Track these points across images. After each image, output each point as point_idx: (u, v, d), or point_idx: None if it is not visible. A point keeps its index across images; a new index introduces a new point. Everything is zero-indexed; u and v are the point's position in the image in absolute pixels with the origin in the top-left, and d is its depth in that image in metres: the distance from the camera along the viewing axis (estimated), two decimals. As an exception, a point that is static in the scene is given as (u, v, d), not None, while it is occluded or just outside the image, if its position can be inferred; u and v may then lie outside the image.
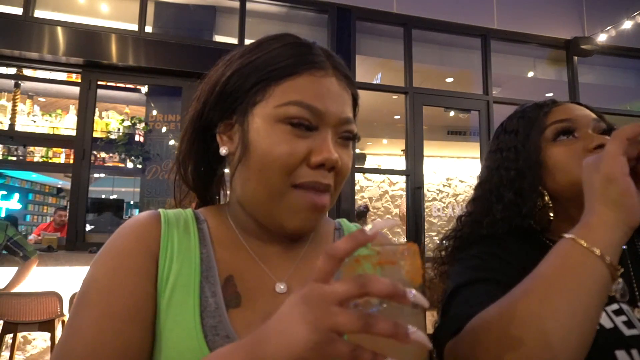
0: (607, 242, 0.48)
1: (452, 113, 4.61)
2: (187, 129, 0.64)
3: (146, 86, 4.30)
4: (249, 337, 0.39)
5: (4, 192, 7.30)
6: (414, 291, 0.34)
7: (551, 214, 0.81)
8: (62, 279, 2.97)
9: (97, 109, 3.82)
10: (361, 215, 5.36)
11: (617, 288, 0.62)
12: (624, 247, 0.69)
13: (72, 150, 3.73)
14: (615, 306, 0.63)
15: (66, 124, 4.40)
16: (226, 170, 0.68)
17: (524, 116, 0.81)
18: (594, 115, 0.76)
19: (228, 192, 0.68)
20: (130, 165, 4.25)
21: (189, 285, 0.55)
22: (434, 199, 7.17)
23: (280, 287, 0.59)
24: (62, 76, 4.11)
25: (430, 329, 0.66)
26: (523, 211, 0.75)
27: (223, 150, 0.60)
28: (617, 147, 0.49)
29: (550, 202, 0.80)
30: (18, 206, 7.55)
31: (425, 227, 4.45)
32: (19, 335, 2.80)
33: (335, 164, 0.54)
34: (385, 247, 0.39)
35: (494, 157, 0.83)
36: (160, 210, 0.63)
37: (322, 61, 0.57)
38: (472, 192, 0.86)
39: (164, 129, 4.13)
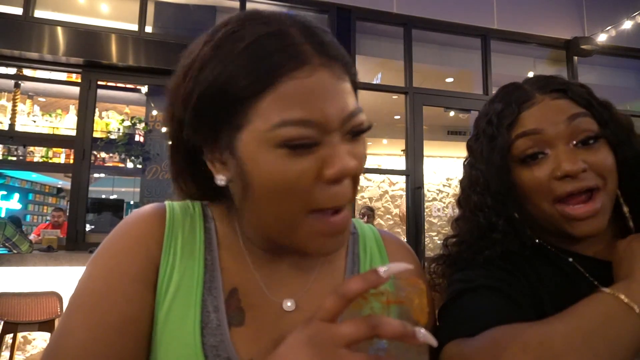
0: None
1: (452, 113, 4.60)
2: (171, 150, 0.55)
3: (146, 86, 4.29)
4: None
5: (4, 192, 7.29)
6: (422, 330, 0.36)
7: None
8: (62, 279, 2.96)
9: (97, 109, 3.82)
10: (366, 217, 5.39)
11: None
12: None
13: (72, 150, 3.72)
14: None
15: (66, 124, 4.40)
16: None
17: (491, 123, 0.69)
18: (570, 112, 0.63)
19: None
20: (130, 165, 4.25)
21: (190, 297, 0.51)
22: (434, 199, 7.18)
23: (288, 304, 0.55)
24: (62, 76, 4.10)
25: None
26: (522, 237, 0.67)
27: (219, 181, 0.51)
28: None
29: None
30: (18, 206, 7.55)
31: (425, 227, 4.45)
32: (19, 335, 2.80)
33: (355, 171, 0.47)
34: (395, 282, 0.40)
35: (467, 171, 0.74)
36: (166, 203, 0.58)
37: (302, 52, 0.44)
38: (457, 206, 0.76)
39: (164, 129, 4.12)
